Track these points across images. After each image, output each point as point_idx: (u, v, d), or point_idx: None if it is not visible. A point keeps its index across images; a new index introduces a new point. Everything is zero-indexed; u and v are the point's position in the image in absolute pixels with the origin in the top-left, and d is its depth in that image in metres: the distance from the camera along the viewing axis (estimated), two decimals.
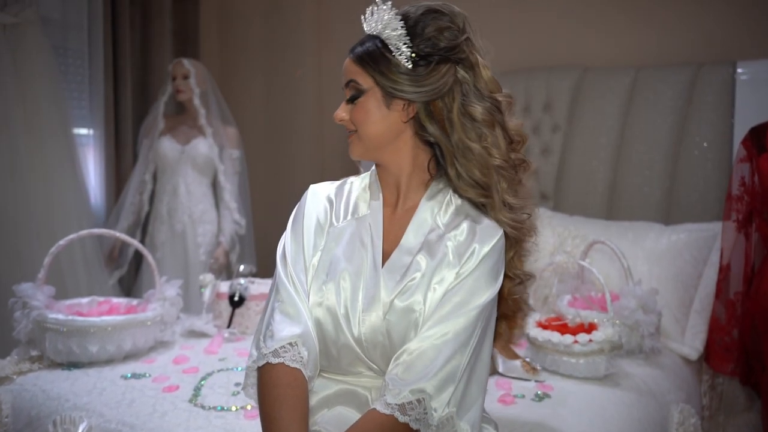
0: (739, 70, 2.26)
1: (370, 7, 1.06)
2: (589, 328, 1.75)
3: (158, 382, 1.59)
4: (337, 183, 1.19)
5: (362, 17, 1.08)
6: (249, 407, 1.43)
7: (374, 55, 1.04)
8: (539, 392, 1.55)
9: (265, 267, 2.63)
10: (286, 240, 1.12)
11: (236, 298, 2.06)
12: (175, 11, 3.31)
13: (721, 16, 2.37)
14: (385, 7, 1.05)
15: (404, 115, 1.06)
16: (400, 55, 1.03)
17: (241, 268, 2.17)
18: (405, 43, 1.03)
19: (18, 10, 2.55)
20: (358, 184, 1.17)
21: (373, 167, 1.17)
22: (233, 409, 1.43)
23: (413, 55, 1.03)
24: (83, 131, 3.00)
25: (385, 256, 1.08)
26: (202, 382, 1.58)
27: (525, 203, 1.10)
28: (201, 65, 2.94)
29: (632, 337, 1.83)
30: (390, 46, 1.03)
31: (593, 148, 2.50)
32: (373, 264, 1.07)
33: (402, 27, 1.03)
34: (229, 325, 2.04)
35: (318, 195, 1.15)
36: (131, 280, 3.02)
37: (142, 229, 2.95)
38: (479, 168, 1.05)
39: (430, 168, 1.11)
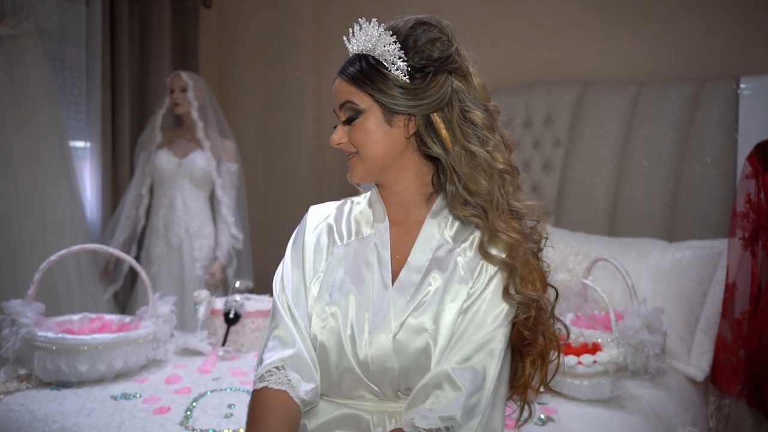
0: (743, 86, 2.24)
1: (354, 26, 1.04)
2: (593, 348, 1.71)
3: (149, 403, 1.54)
4: (337, 203, 1.17)
5: (345, 38, 1.06)
6: (241, 431, 1.38)
7: (369, 73, 1.02)
8: (542, 415, 1.51)
9: (263, 283, 2.58)
10: (285, 264, 1.10)
11: (231, 315, 2.01)
12: (174, 23, 3.30)
13: (724, 32, 2.35)
14: (372, 24, 1.03)
15: (406, 131, 1.04)
16: (396, 69, 1.01)
17: (238, 284, 2.12)
18: (400, 57, 1.01)
19: (15, 22, 2.54)
20: (358, 204, 1.15)
21: (375, 187, 1.14)
22: None
23: (409, 68, 1.01)
24: (80, 144, 2.98)
25: (393, 276, 1.05)
26: (194, 404, 1.53)
27: (531, 208, 1.06)
28: (199, 78, 2.92)
29: (637, 358, 1.78)
30: (384, 62, 1.01)
31: (595, 163, 2.48)
32: (381, 284, 1.04)
33: (395, 41, 1.01)
34: (224, 343, 1.99)
35: (318, 216, 1.14)
36: (127, 294, 2.98)
37: (138, 243, 2.91)
38: (483, 174, 1.01)
39: (434, 183, 1.08)
